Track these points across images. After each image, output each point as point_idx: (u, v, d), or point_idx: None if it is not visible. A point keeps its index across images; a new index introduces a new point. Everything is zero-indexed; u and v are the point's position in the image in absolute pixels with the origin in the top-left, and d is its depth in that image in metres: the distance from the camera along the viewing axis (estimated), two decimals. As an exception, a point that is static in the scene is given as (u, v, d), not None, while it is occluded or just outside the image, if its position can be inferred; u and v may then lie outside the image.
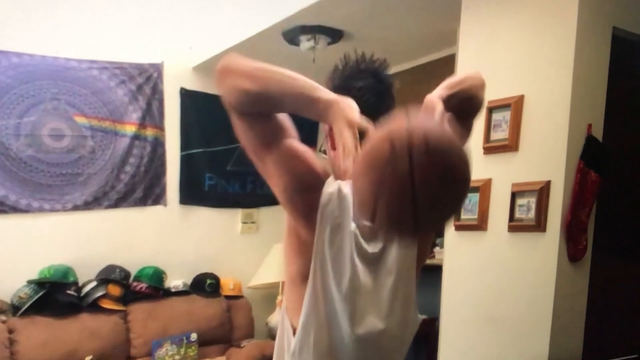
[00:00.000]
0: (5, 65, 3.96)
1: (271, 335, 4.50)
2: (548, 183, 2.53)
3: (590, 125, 2.51)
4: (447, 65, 3.64)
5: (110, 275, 4.22)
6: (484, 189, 2.79)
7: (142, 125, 4.48)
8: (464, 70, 2.85)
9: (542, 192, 2.54)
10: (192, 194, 4.77)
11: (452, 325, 3.01)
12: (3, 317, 3.81)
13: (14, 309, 3.90)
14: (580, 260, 2.56)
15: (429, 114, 1.29)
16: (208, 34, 4.40)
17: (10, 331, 3.76)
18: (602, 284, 2.66)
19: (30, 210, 4.10)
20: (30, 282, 3.96)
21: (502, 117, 2.72)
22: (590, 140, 2.50)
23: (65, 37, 4.15)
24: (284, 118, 1.33)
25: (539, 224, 2.56)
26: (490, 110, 2.75)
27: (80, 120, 4.24)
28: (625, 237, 2.87)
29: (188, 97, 4.67)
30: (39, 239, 4.12)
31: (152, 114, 4.54)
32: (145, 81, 4.49)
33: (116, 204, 4.42)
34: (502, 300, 2.73)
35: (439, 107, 1.31)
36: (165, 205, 4.66)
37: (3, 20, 3.93)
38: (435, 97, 1.34)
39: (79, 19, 4.16)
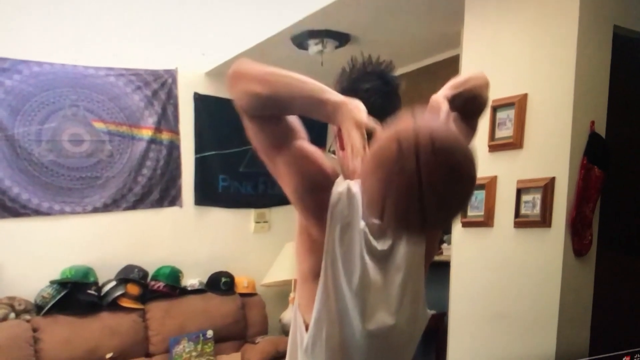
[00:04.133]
0: (27, 74, 3.99)
1: (284, 331, 4.51)
2: (553, 179, 2.51)
3: (593, 122, 2.49)
4: (451, 66, 3.63)
5: (129, 275, 4.24)
6: (490, 186, 2.78)
7: (157, 129, 4.50)
8: (468, 70, 2.84)
9: (547, 188, 2.52)
10: (206, 195, 4.78)
11: (460, 320, 3.00)
12: (27, 317, 3.84)
13: (38, 308, 3.93)
14: (585, 255, 2.53)
15: (435, 114, 1.28)
16: (220, 40, 4.42)
17: (35, 330, 3.78)
18: (607, 277, 2.63)
19: (52, 213, 4.13)
20: (52, 282, 3.99)
21: (507, 116, 2.70)
22: (593, 136, 2.48)
23: (84, 46, 4.17)
24: (293, 120, 1.32)
25: (544, 220, 2.54)
26: (495, 109, 2.73)
27: (99, 125, 4.26)
28: (629, 231, 2.84)
29: (201, 102, 4.69)
30: (60, 241, 4.14)
31: (167, 119, 4.55)
32: (160, 87, 4.51)
33: (134, 206, 4.44)
34: (508, 295, 2.71)
35: (444, 107, 1.30)
36: (180, 206, 4.67)
37: (24, 31, 3.96)
38: (441, 97, 1.33)
39: (96, 28, 4.19)
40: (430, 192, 1.06)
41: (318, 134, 1.52)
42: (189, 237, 4.70)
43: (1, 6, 3.86)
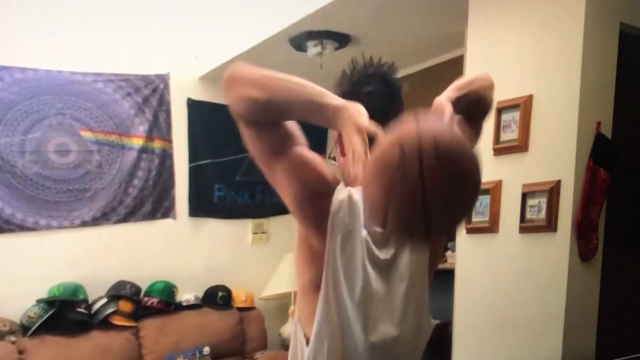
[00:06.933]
0: (9, 81, 3.97)
1: (284, 346, 4.50)
2: (558, 182, 2.53)
3: (599, 123, 2.51)
4: (455, 67, 3.64)
5: (120, 291, 4.23)
6: (495, 190, 2.79)
7: (149, 137, 4.49)
8: (473, 71, 2.85)
9: (553, 191, 2.54)
10: (201, 206, 4.78)
11: (465, 329, 3.01)
12: (13, 338, 3.80)
13: (24, 329, 3.89)
14: (591, 259, 2.56)
15: (438, 117, 1.29)
16: (214, 42, 4.41)
17: (21, 352, 3.74)
18: (613, 282, 2.66)
19: (38, 228, 4.12)
20: (39, 301, 3.96)
21: (512, 118, 2.72)
22: (599, 138, 2.50)
23: (70, 51, 4.16)
24: (292, 125, 1.33)
25: (550, 224, 2.56)
26: (500, 111, 2.75)
27: (86, 134, 4.26)
28: (636, 234, 2.86)
29: (195, 108, 4.69)
30: (47, 257, 4.12)
31: (159, 126, 4.55)
32: (152, 93, 4.50)
33: (125, 219, 4.43)
34: (514, 302, 2.73)
35: (448, 109, 1.32)
36: (174, 218, 4.67)
37: (6, 36, 3.94)
38: (444, 99, 1.35)
39: (82, 31, 4.17)
40: (434, 198, 1.08)
41: (317, 140, 1.53)
42: (183, 250, 4.69)
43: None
